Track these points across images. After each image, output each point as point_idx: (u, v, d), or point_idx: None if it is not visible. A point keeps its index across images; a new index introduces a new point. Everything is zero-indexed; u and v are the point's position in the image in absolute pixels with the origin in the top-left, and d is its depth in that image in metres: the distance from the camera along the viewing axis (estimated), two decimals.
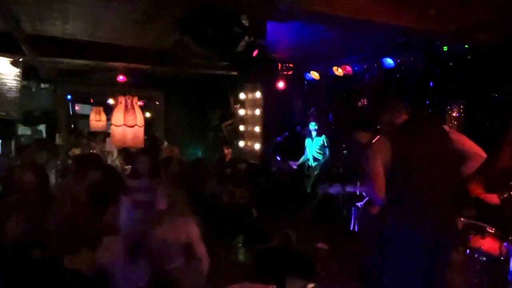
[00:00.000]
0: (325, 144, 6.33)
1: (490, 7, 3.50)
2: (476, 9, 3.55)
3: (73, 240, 2.08)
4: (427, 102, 4.84)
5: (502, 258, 2.92)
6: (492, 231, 3.03)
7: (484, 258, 2.94)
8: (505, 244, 2.92)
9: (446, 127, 2.62)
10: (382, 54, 5.09)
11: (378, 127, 2.87)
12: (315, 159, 6.41)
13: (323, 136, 6.34)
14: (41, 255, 2.51)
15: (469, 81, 4.33)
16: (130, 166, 5.89)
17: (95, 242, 2.10)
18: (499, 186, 3.30)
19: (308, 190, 6.43)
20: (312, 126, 6.40)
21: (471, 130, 4.40)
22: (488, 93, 4.21)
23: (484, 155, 2.56)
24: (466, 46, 4.22)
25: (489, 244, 2.98)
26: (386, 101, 2.77)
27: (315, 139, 6.41)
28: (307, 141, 6.54)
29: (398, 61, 5.00)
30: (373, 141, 2.52)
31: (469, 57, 4.29)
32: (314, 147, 6.43)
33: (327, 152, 6.32)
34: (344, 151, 6.15)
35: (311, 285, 3.70)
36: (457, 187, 2.49)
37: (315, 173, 6.38)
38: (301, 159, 6.61)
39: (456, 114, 4.61)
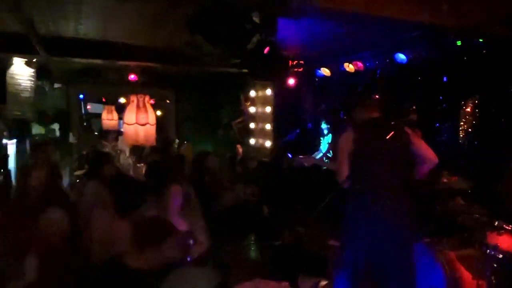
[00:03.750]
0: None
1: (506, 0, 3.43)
2: (491, 2, 3.48)
3: (140, 239, 2.20)
4: (441, 97, 4.77)
5: None
6: (509, 228, 2.97)
7: (501, 256, 2.89)
8: None
9: (408, 130, 2.89)
10: (394, 49, 5.03)
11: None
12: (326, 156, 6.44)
13: (330, 134, 6.40)
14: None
15: (483, 76, 4.25)
16: (142, 164, 5.95)
17: (160, 240, 2.22)
18: None
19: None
20: (324, 125, 6.44)
21: (485, 125, 4.33)
22: (503, 88, 4.13)
23: (435, 160, 2.87)
24: (481, 40, 4.14)
25: (506, 241, 2.93)
26: (362, 98, 3.06)
27: (326, 137, 6.44)
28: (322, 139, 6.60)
29: (411, 56, 4.93)
30: (343, 133, 2.90)
31: (484, 52, 4.21)
32: (325, 145, 6.46)
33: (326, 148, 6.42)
34: None
35: (324, 282, 3.69)
36: (405, 183, 2.80)
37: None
38: (315, 155, 6.60)
39: (470, 109, 4.53)
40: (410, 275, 2.79)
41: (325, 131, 6.45)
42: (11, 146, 6.35)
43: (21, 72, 5.84)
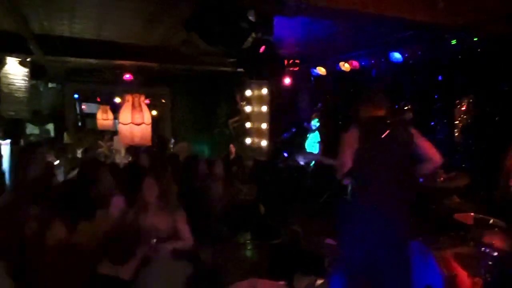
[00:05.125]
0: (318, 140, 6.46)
1: None
2: (485, 0, 3.50)
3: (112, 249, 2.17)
4: (436, 96, 4.79)
5: None
6: (504, 226, 2.99)
7: (496, 254, 2.90)
8: None
9: (413, 130, 2.88)
10: (390, 48, 5.04)
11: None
12: None
13: (316, 132, 6.42)
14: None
15: (478, 74, 4.27)
16: None
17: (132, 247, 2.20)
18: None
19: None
20: (315, 122, 6.46)
21: (480, 124, 4.36)
22: (498, 87, 4.15)
23: (439, 160, 2.87)
24: (475, 39, 4.16)
25: (501, 240, 2.94)
26: (367, 95, 3.02)
27: (313, 134, 6.47)
28: (309, 136, 6.62)
29: (406, 55, 4.94)
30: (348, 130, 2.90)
31: (478, 50, 4.23)
32: (312, 142, 6.49)
33: (318, 148, 6.41)
34: None
35: (320, 281, 3.69)
36: (407, 182, 2.81)
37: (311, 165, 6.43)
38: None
39: (465, 108, 4.55)
40: (406, 274, 2.79)
41: (313, 127, 6.46)
42: (5, 147, 6.29)
43: (15, 71, 5.80)
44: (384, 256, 2.74)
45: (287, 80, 6.74)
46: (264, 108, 7.66)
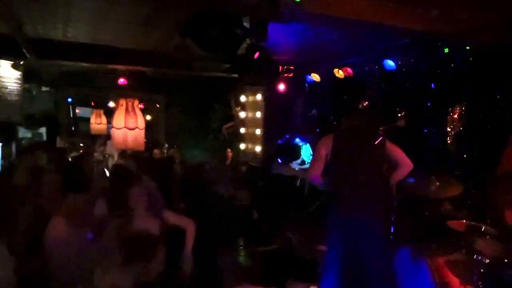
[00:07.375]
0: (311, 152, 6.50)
1: (493, 7, 3.49)
2: (479, 9, 3.54)
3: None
4: (429, 104, 4.83)
5: (506, 260, 2.89)
6: (496, 233, 3.01)
7: (488, 261, 2.91)
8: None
9: (384, 138, 3.09)
10: (383, 55, 5.08)
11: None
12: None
13: (308, 144, 6.46)
14: None
15: (471, 82, 4.31)
16: None
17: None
18: (501, 190, 3.30)
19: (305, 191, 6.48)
20: (298, 141, 6.55)
21: (473, 132, 4.39)
22: (490, 95, 4.19)
23: (411, 165, 3.09)
24: (468, 47, 4.20)
25: (493, 247, 2.95)
26: (346, 107, 3.23)
27: (305, 146, 6.53)
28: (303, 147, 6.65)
29: (399, 62, 4.98)
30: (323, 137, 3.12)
31: (471, 58, 4.28)
32: (307, 152, 6.52)
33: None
34: None
35: (313, 287, 3.68)
36: (381, 185, 3.01)
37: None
38: (296, 162, 6.64)
39: (457, 116, 4.59)
40: (390, 271, 2.97)
41: (301, 143, 6.53)
42: None
43: (7, 74, 5.75)
44: (367, 256, 2.90)
45: (281, 86, 6.76)
46: (259, 114, 7.66)
